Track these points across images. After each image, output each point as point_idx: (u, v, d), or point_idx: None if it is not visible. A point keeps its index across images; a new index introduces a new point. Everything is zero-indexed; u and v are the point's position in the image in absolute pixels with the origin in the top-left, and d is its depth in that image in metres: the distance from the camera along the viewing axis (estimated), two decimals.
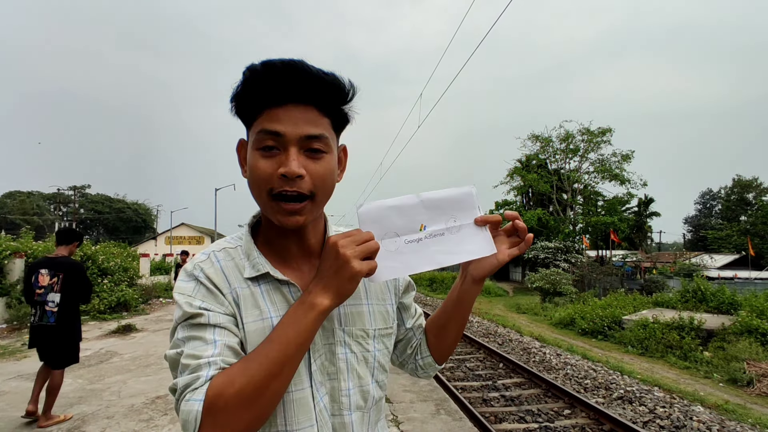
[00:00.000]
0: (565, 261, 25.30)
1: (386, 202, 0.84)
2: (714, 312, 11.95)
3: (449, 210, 0.87)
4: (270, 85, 0.79)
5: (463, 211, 0.88)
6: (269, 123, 0.79)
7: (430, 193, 0.87)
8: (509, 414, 5.85)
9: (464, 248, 0.88)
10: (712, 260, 29.89)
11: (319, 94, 0.81)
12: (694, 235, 56.88)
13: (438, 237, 0.87)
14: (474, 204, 0.89)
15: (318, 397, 0.85)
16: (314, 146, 0.81)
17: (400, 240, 0.84)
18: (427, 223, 0.86)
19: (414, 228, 0.85)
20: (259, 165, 0.80)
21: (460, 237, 0.88)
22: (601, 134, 29.85)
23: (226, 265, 0.87)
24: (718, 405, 6.26)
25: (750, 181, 49.55)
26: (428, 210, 0.86)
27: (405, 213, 0.85)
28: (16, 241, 12.01)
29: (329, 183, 0.84)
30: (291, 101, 0.79)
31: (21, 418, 4.51)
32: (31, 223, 45.46)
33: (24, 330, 9.93)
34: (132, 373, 6.35)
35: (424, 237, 0.86)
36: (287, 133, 0.79)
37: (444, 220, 0.87)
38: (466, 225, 0.88)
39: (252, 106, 0.81)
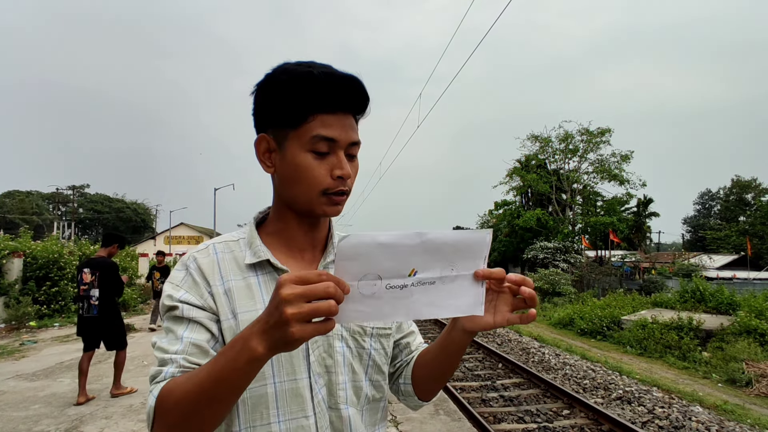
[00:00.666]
0: (564, 261, 25.31)
1: (378, 238, 0.70)
2: (713, 312, 11.97)
3: (451, 256, 0.75)
4: (331, 93, 0.83)
5: (466, 259, 0.76)
6: (324, 129, 0.83)
7: (437, 234, 0.73)
8: (508, 414, 5.85)
9: (452, 302, 0.76)
10: (711, 260, 29.92)
11: (362, 107, 0.89)
12: (692, 236, 56.95)
13: (426, 286, 0.74)
14: (483, 253, 0.76)
15: (316, 389, 0.85)
16: (354, 152, 0.89)
17: (381, 284, 0.71)
18: (419, 268, 0.73)
19: (402, 272, 0.72)
20: (313, 166, 0.84)
21: (451, 288, 0.76)
22: (600, 134, 29.85)
23: (223, 257, 0.89)
24: (717, 405, 6.26)
25: (749, 181, 49.63)
26: (426, 253, 0.73)
27: (397, 254, 0.71)
28: (15, 240, 12.01)
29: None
30: (342, 110, 0.85)
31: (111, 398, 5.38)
32: (30, 222, 45.40)
33: (22, 330, 9.93)
34: (130, 373, 6.34)
35: (410, 284, 0.72)
36: (340, 139, 0.84)
37: (440, 267, 0.74)
38: (462, 276, 0.76)
39: (303, 107, 0.83)
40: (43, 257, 11.57)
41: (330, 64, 0.88)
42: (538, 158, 32.53)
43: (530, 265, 28.56)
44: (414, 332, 1.09)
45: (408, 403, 1.06)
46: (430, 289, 0.74)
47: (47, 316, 11.13)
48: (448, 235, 0.74)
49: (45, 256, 11.60)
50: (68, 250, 12.62)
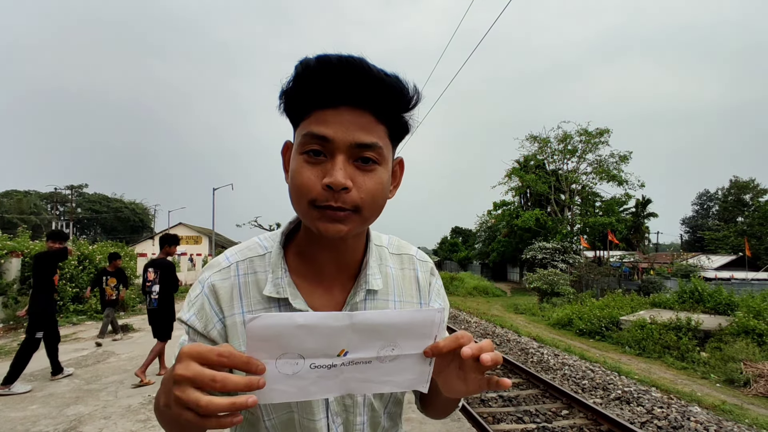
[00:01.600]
0: (563, 261, 25.34)
1: (296, 319, 0.59)
2: (711, 313, 11.99)
3: (390, 336, 0.64)
4: (322, 83, 0.69)
5: (411, 338, 0.64)
6: (317, 126, 0.70)
7: (371, 315, 0.62)
8: (507, 414, 5.85)
9: (391, 379, 0.66)
10: (709, 261, 29.96)
11: (377, 98, 0.71)
12: (691, 236, 57.04)
13: (360, 365, 0.64)
14: (431, 333, 0.65)
15: (333, 428, 0.82)
16: (365, 155, 0.71)
17: (304, 363, 0.62)
18: (350, 348, 0.63)
19: (329, 352, 0.62)
20: (301, 172, 0.70)
21: (391, 367, 0.65)
22: (598, 135, 29.91)
23: (245, 281, 0.81)
24: (715, 405, 6.27)
25: (747, 182, 49.71)
26: (358, 334, 0.62)
27: (321, 335, 0.61)
28: (13, 240, 11.97)
29: (379, 199, 0.74)
30: (344, 103, 0.70)
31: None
32: (28, 222, 45.28)
33: (20, 330, 9.91)
34: (129, 374, 6.32)
35: (339, 364, 0.63)
36: (336, 138, 0.69)
37: (377, 348, 0.64)
38: (406, 355, 0.65)
39: (301, 104, 0.72)
40: None
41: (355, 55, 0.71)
42: (537, 159, 32.59)
43: (529, 265, 28.58)
44: None
45: (422, 411, 1.02)
46: (366, 368, 0.65)
47: None
48: (387, 315, 0.63)
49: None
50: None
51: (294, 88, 0.72)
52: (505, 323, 14.26)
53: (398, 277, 0.89)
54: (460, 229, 57.68)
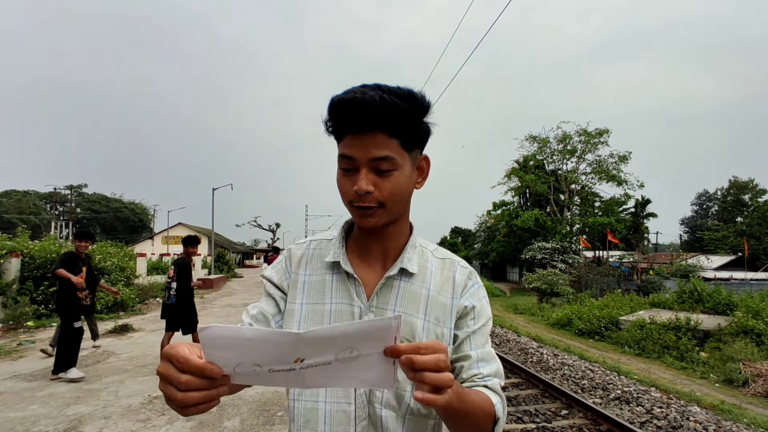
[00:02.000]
0: (563, 261, 25.36)
1: (245, 332, 0.62)
2: (710, 313, 12.00)
3: (347, 342, 0.64)
4: (342, 117, 0.91)
5: (369, 342, 0.65)
6: (345, 148, 0.92)
7: (322, 331, 0.63)
8: (506, 414, 5.85)
9: (355, 375, 0.68)
10: (709, 261, 29.98)
11: (386, 122, 0.89)
12: (690, 236, 57.08)
13: (321, 366, 0.66)
14: (389, 337, 0.66)
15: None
16: (382, 167, 0.91)
17: (262, 369, 0.65)
18: (307, 356, 0.64)
19: (286, 361, 0.64)
20: (342, 181, 0.95)
21: (354, 365, 0.67)
22: (598, 135, 29.92)
23: (314, 253, 1.06)
24: (715, 405, 6.29)
25: (746, 182, 49.76)
26: (311, 346, 0.63)
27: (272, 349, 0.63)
28: (13, 240, 11.96)
29: (400, 195, 0.95)
30: (363, 130, 0.90)
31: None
32: (28, 222, 45.22)
33: (19, 330, 9.90)
34: (129, 373, 6.33)
35: (298, 368, 0.65)
36: (358, 157, 0.91)
37: (334, 353, 0.65)
38: (366, 354, 0.66)
39: (336, 131, 0.95)
40: (40, 257, 11.53)
41: (378, 82, 0.93)
42: (536, 159, 32.57)
43: (528, 265, 28.59)
44: (471, 358, 0.98)
45: None
46: (326, 368, 0.66)
47: (45, 316, 11.09)
48: (338, 328, 0.63)
49: (43, 256, 11.55)
50: (66, 250, 12.57)
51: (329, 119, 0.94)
52: (505, 323, 14.27)
53: (437, 275, 1.03)
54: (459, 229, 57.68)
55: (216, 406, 0.73)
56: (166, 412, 4.80)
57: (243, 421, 4.55)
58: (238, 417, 4.66)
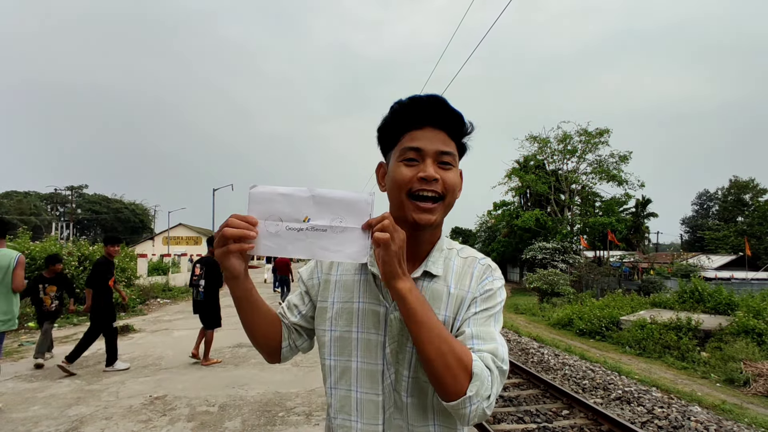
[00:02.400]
0: (563, 261, 25.34)
1: (278, 189, 0.90)
2: (711, 312, 12.00)
3: (338, 211, 0.89)
4: (414, 112, 1.01)
5: (352, 215, 0.89)
6: (411, 141, 1.00)
7: (324, 191, 0.90)
8: (508, 414, 5.85)
9: (341, 249, 0.90)
10: (709, 261, 29.98)
11: (449, 123, 1.01)
12: (691, 236, 57.05)
13: (319, 232, 0.89)
14: (367, 212, 0.90)
15: (387, 374, 1.03)
16: (445, 160, 1.00)
17: (282, 225, 0.89)
18: (312, 216, 0.89)
19: (297, 218, 0.89)
20: (401, 171, 1.00)
21: (341, 238, 0.90)
22: (598, 135, 29.89)
23: None
24: (716, 405, 6.28)
25: (747, 182, 49.73)
26: (317, 205, 0.89)
27: (292, 203, 0.89)
28: (14, 241, 11.98)
29: (456, 190, 1.04)
30: (429, 125, 1.00)
31: (189, 357, 7.07)
32: (28, 223, 45.25)
33: (21, 331, 9.91)
34: (130, 374, 6.33)
35: (305, 228, 0.89)
36: (426, 148, 0.99)
37: (329, 219, 0.89)
38: (350, 228, 0.90)
39: (397, 130, 1.03)
40: (41, 258, 11.53)
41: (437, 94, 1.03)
42: (537, 159, 32.54)
43: (529, 265, 28.57)
44: (464, 333, 0.98)
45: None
46: (323, 235, 0.90)
47: None
48: (333, 192, 0.90)
49: (44, 257, 11.56)
50: (67, 251, 12.60)
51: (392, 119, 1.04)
52: (506, 323, 14.26)
53: (459, 272, 1.09)
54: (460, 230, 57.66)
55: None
56: (167, 412, 4.81)
57: (244, 422, 4.55)
58: (239, 418, 4.67)
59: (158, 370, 6.57)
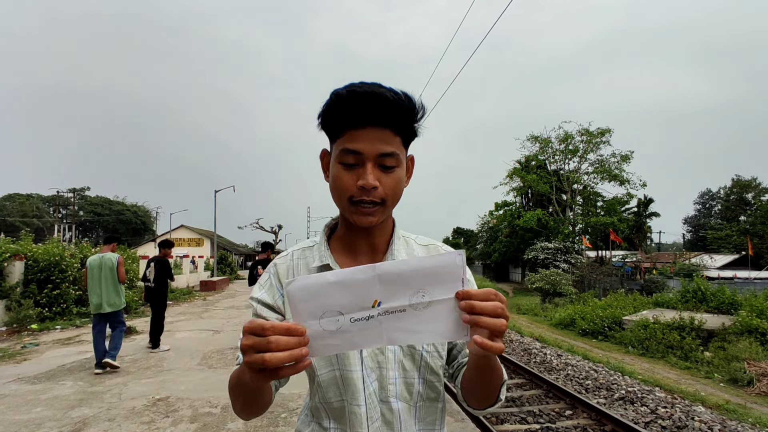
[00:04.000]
0: (565, 261, 25.30)
1: (327, 277, 0.70)
2: (714, 312, 11.96)
3: (418, 283, 0.70)
4: (352, 110, 0.90)
5: (439, 284, 0.70)
6: (350, 143, 0.91)
7: (391, 265, 0.70)
8: (511, 415, 5.85)
9: (430, 328, 0.71)
10: (712, 260, 29.88)
11: (393, 118, 0.91)
12: (693, 236, 56.93)
13: (397, 314, 0.70)
14: (457, 276, 0.70)
15: (368, 382, 0.94)
16: (387, 163, 0.92)
17: (344, 318, 0.70)
18: (382, 298, 0.70)
19: (364, 305, 0.70)
20: (341, 176, 0.92)
21: (426, 314, 0.70)
22: (600, 135, 29.87)
23: (298, 263, 1.04)
24: (719, 405, 6.26)
25: (749, 181, 49.60)
26: (385, 284, 0.70)
27: (352, 289, 0.69)
28: (16, 243, 11.99)
29: (398, 192, 0.97)
30: (370, 124, 0.90)
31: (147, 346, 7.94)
32: (31, 225, 45.38)
33: (23, 332, 9.92)
34: (132, 376, 6.34)
35: (376, 314, 0.70)
36: (366, 151, 0.90)
37: (408, 295, 0.70)
38: (439, 301, 0.70)
39: (336, 126, 0.93)
40: (44, 260, 11.56)
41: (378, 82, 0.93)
42: (538, 159, 32.54)
43: (531, 265, 28.54)
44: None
45: (467, 406, 1.03)
46: (402, 316, 0.70)
47: (49, 318, 11.12)
48: (408, 263, 0.71)
49: (46, 259, 11.59)
50: (69, 253, 12.61)
51: (330, 112, 0.93)
52: (508, 324, 14.24)
53: None
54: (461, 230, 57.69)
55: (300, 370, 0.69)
56: (170, 414, 4.81)
57: (247, 423, 4.55)
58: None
59: (160, 371, 6.57)
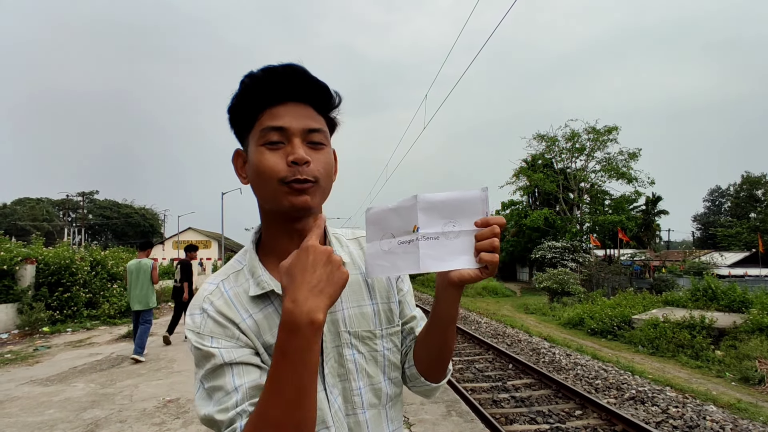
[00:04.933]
0: (573, 260, 25.15)
1: (389, 205, 0.85)
2: (725, 310, 11.84)
3: (449, 214, 0.81)
4: (271, 85, 0.84)
5: (466, 216, 0.80)
6: (272, 120, 0.83)
7: (429, 195, 0.82)
8: (520, 415, 5.83)
9: (455, 257, 0.80)
10: (722, 258, 29.60)
11: (315, 95, 0.87)
12: (703, 233, 56.37)
13: (431, 240, 0.81)
14: (480, 209, 0.80)
15: (332, 399, 0.86)
16: (315, 139, 0.85)
17: (394, 241, 0.84)
18: (421, 225, 0.81)
19: (408, 229, 0.82)
20: (266, 158, 0.82)
21: (455, 244, 0.81)
22: (607, 132, 29.68)
23: (234, 293, 0.87)
24: (731, 404, 6.20)
25: (759, 177, 49.05)
26: (424, 212, 0.81)
27: (401, 215, 0.83)
28: (27, 247, 12.15)
29: (331, 173, 0.89)
30: (291, 99, 0.85)
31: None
32: (41, 229, 45.87)
33: (35, 335, 10.04)
34: (143, 377, 6.39)
35: (415, 239, 0.81)
36: (291, 126, 0.83)
37: (441, 224, 0.81)
38: (465, 232, 0.80)
39: (253, 108, 0.85)
40: (55, 263, 11.69)
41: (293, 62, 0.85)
42: (545, 158, 32.39)
43: (538, 264, 28.41)
44: (416, 317, 1.04)
45: (418, 389, 1.02)
46: (435, 244, 0.81)
47: (60, 321, 11.25)
48: (439, 195, 0.82)
49: (57, 262, 11.72)
50: (79, 256, 12.75)
51: (244, 96, 0.85)
52: (516, 323, 14.19)
53: (359, 256, 1.00)
54: None
55: None
56: (181, 415, 4.84)
57: None
58: None
59: (171, 373, 6.62)
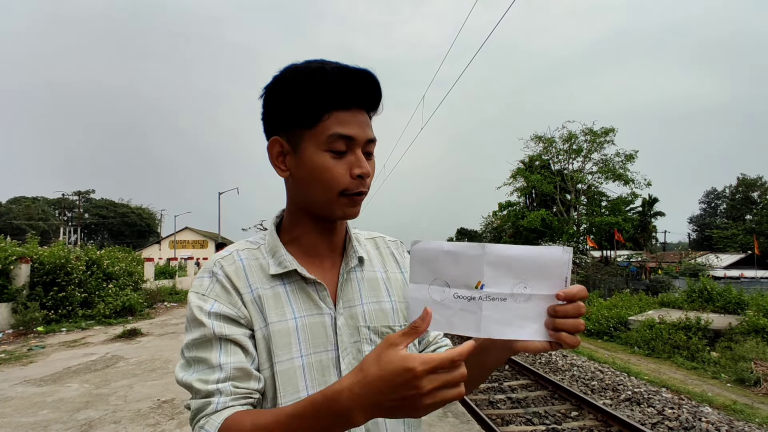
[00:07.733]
0: None
1: (443, 246, 0.71)
2: (721, 312, 11.89)
3: (521, 273, 0.69)
4: (345, 88, 0.80)
5: (541, 277, 0.69)
6: (341, 127, 0.80)
7: (500, 247, 0.70)
8: (516, 416, 5.82)
9: (523, 323, 0.70)
10: (718, 260, 29.75)
11: (377, 101, 0.85)
12: (699, 235, 56.65)
13: (497, 302, 0.70)
14: (562, 274, 0.69)
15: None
16: (371, 149, 0.85)
17: (449, 292, 0.71)
18: (486, 282, 0.70)
19: (469, 283, 0.70)
20: (332, 167, 0.80)
21: (525, 308, 0.70)
22: (604, 134, 29.80)
23: (249, 264, 0.86)
24: (726, 405, 6.21)
25: (755, 179, 49.33)
26: (492, 267, 0.69)
27: (461, 263, 0.70)
28: (22, 246, 12.08)
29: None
30: (356, 106, 0.82)
31: None
32: (37, 228, 45.66)
33: (30, 335, 9.98)
34: (138, 378, 6.36)
35: (478, 297, 0.70)
36: (358, 137, 0.81)
37: (511, 284, 0.69)
38: (539, 296, 0.69)
39: (318, 106, 0.80)
40: (50, 263, 11.64)
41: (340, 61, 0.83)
42: (542, 159, 32.52)
43: None
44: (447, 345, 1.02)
45: None
46: (501, 306, 0.70)
47: (55, 321, 11.19)
48: (515, 249, 0.69)
49: (52, 262, 11.66)
50: (75, 256, 12.69)
51: (312, 90, 0.80)
52: None
53: (376, 255, 0.99)
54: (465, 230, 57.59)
55: None
56: (175, 416, 4.82)
57: None
58: None
59: (166, 373, 6.59)
